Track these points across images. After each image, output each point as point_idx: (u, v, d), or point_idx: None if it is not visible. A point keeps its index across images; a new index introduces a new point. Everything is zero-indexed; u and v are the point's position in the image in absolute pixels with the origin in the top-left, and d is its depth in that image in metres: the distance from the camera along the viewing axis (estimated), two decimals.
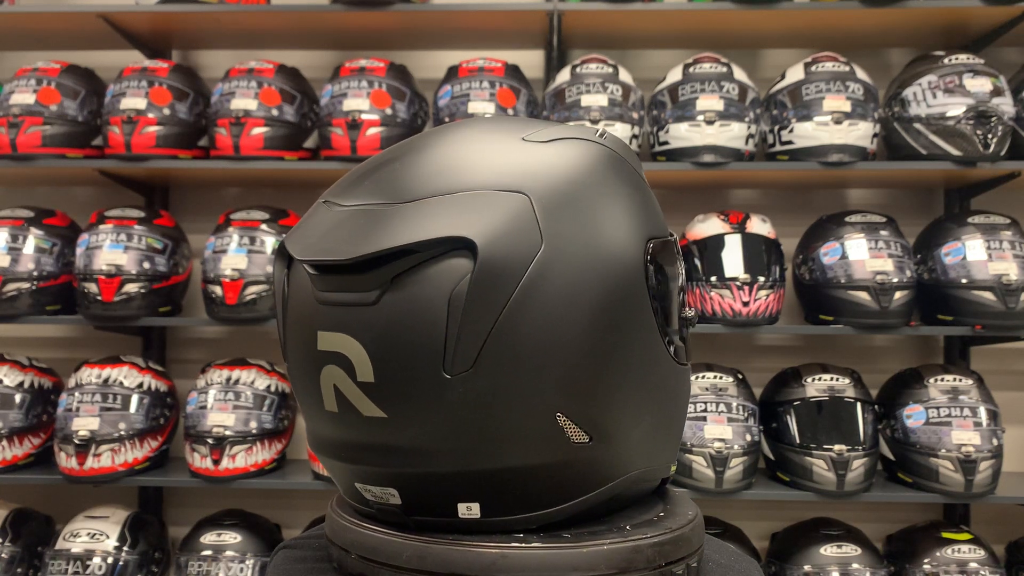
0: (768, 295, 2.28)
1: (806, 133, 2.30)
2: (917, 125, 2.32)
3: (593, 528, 0.70)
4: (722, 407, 2.28)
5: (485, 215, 0.64)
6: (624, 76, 2.41)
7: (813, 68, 2.36)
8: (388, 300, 0.64)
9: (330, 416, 0.69)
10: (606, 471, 0.70)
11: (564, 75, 2.42)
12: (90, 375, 2.35)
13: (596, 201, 0.68)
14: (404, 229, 0.64)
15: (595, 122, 2.28)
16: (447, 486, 0.68)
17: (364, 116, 2.33)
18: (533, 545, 0.66)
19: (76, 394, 2.32)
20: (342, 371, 0.66)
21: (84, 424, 2.27)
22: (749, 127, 2.31)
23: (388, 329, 0.64)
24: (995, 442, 2.24)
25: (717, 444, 2.23)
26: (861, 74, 2.36)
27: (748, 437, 2.27)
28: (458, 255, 0.63)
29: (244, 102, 2.37)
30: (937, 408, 2.28)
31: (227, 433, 2.31)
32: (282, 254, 0.72)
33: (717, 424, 2.26)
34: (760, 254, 2.33)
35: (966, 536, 2.33)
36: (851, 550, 2.28)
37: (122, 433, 2.30)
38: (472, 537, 0.67)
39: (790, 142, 2.33)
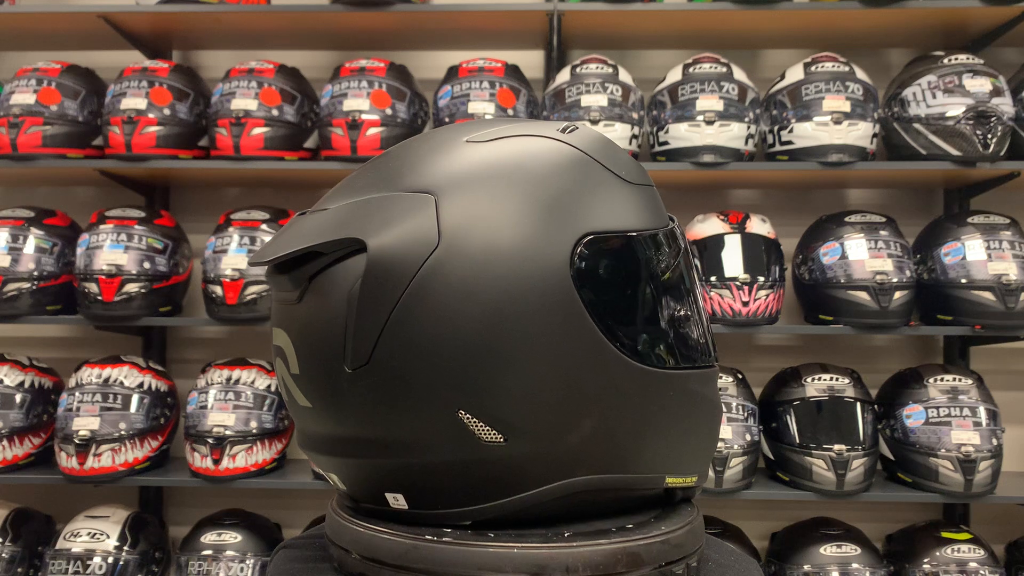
0: (768, 295, 2.29)
1: (806, 133, 2.30)
2: (917, 125, 2.32)
3: (525, 531, 0.68)
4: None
5: (386, 216, 0.67)
6: (624, 76, 2.41)
7: (813, 68, 2.36)
8: (307, 298, 0.69)
9: (287, 404, 0.76)
10: (538, 473, 0.68)
11: (564, 75, 2.42)
12: (90, 375, 2.35)
13: (512, 198, 0.67)
14: (315, 232, 0.69)
15: (595, 122, 2.28)
16: (372, 476, 0.72)
17: (364, 116, 2.33)
18: (444, 540, 0.67)
19: (76, 394, 2.32)
20: (283, 363, 0.73)
21: (84, 424, 2.27)
22: (749, 127, 2.31)
23: (306, 325, 0.70)
24: (995, 442, 2.24)
25: (717, 443, 2.23)
26: (861, 74, 2.36)
27: (748, 437, 2.28)
28: (359, 256, 0.67)
29: (244, 102, 2.37)
30: (937, 408, 2.28)
31: (227, 433, 2.31)
32: None
33: None
34: (760, 254, 2.33)
35: (966, 536, 2.33)
36: (851, 550, 2.28)
37: (122, 433, 2.30)
38: (400, 526, 0.69)
39: (790, 142, 2.33)
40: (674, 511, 0.75)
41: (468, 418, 0.66)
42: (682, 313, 0.73)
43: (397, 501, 0.71)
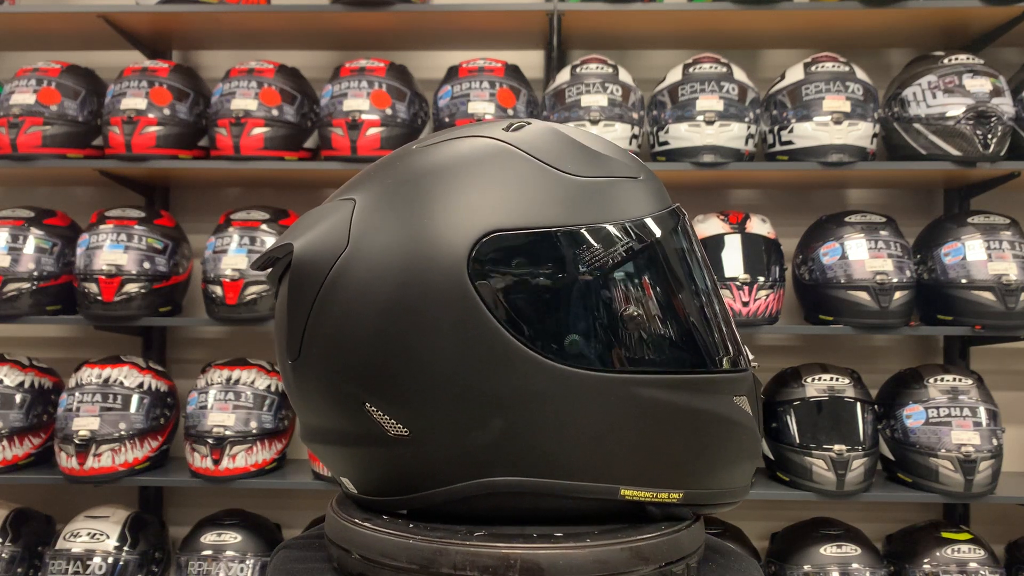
0: (768, 295, 2.29)
1: (806, 133, 2.30)
2: (917, 125, 2.32)
3: (440, 525, 0.70)
4: None
5: (317, 222, 0.73)
6: (624, 76, 2.41)
7: (813, 68, 2.36)
8: (279, 297, 0.76)
9: None
10: (448, 469, 0.69)
11: (564, 75, 2.42)
12: (90, 375, 2.35)
13: (423, 199, 0.68)
14: (282, 238, 0.76)
15: (595, 122, 2.28)
16: (327, 460, 0.79)
17: (364, 116, 2.33)
18: (365, 524, 0.71)
19: (76, 394, 2.32)
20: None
21: (84, 424, 2.27)
22: (749, 127, 2.31)
23: (275, 321, 0.77)
24: (995, 442, 2.24)
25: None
26: (861, 74, 2.36)
27: None
28: None
29: (244, 102, 2.37)
30: (937, 408, 2.28)
31: (227, 433, 2.31)
32: None
33: None
34: (760, 254, 2.33)
35: (966, 536, 2.33)
36: (851, 550, 2.28)
37: (122, 433, 2.30)
38: (353, 509, 0.76)
39: (790, 142, 2.33)
40: (642, 526, 0.71)
41: (373, 411, 0.69)
42: (631, 313, 0.68)
43: (349, 485, 0.77)
